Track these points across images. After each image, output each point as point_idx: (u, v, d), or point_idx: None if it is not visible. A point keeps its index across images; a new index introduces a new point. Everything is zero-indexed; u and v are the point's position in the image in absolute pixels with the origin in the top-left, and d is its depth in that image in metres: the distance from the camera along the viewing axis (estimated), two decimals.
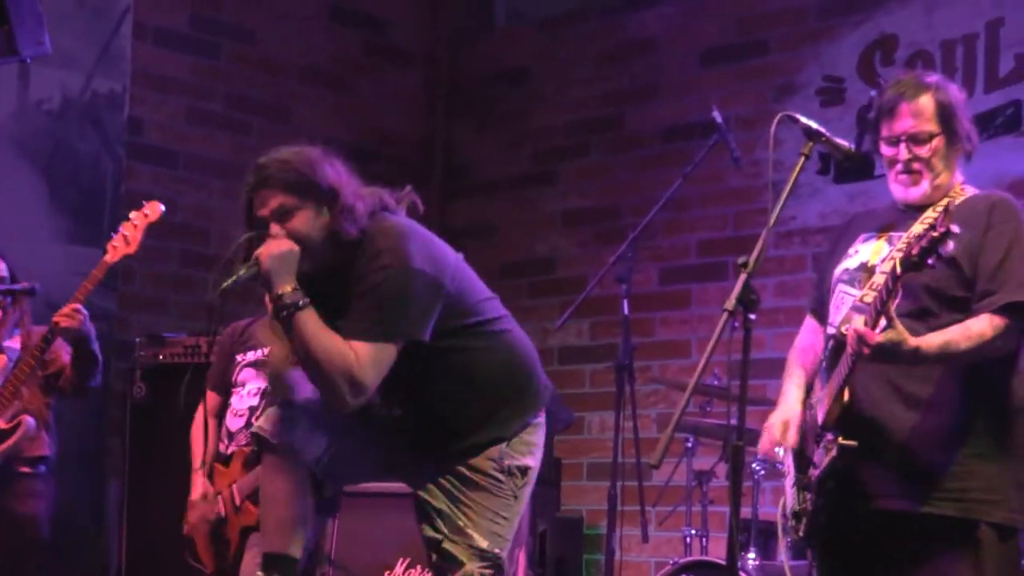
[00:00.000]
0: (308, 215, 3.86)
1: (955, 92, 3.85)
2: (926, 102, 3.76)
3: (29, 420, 5.43)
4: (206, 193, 7.61)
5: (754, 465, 5.62)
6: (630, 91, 7.91)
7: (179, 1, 7.61)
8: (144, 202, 5.43)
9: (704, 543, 6.07)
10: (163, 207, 5.37)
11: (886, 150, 3.82)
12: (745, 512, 5.95)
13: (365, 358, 3.74)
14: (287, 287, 3.77)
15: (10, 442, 5.40)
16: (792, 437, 3.79)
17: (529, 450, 4.04)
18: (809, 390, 3.88)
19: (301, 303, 3.76)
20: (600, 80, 8.05)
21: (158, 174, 7.43)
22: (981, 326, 3.55)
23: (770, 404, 4.01)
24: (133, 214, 5.40)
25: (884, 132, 3.81)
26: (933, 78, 3.87)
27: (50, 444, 5.56)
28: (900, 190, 3.82)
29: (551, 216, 7.98)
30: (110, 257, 5.39)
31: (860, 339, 3.46)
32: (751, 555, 5.60)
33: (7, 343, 5.51)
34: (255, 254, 3.82)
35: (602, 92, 8.03)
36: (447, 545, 3.96)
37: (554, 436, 6.50)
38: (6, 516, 5.46)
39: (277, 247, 3.80)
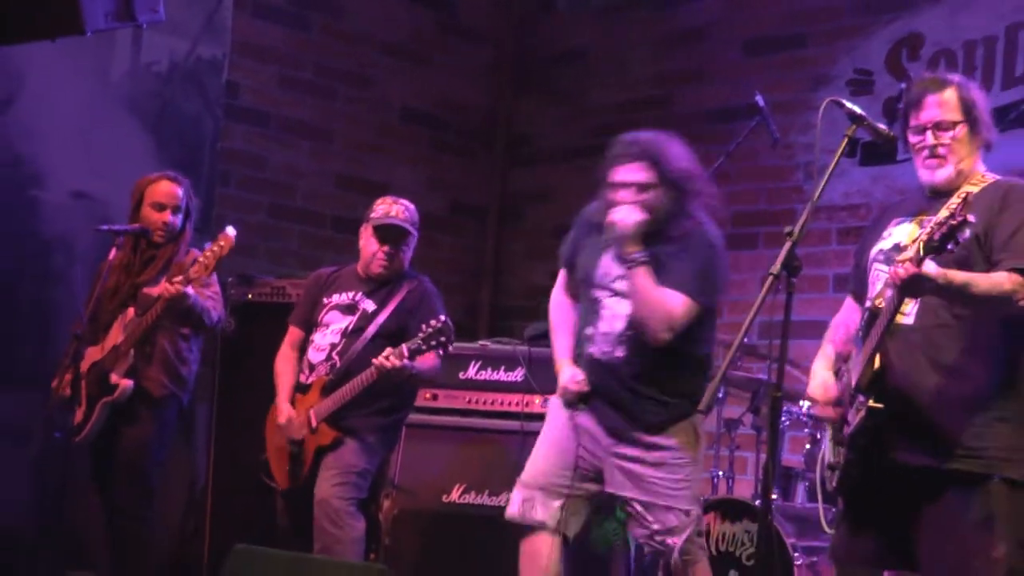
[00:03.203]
0: (662, 195, 4.31)
1: (976, 89, 3.85)
2: (950, 95, 3.76)
3: (127, 385, 5.35)
4: (294, 152, 7.57)
5: (784, 417, 5.59)
6: (679, 74, 7.83)
7: None
8: (218, 233, 5.31)
9: (730, 484, 6.05)
10: (233, 235, 5.28)
11: (914, 138, 3.81)
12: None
13: (680, 306, 4.30)
14: (635, 248, 4.26)
15: (108, 399, 5.35)
16: (833, 390, 3.81)
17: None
18: (843, 360, 3.83)
19: (641, 260, 4.25)
20: (652, 63, 7.97)
21: (251, 134, 7.40)
22: (999, 277, 3.55)
23: (790, 363, 3.99)
24: (208, 245, 5.28)
25: (912, 122, 3.81)
26: (956, 76, 3.88)
27: (168, 383, 5.46)
28: (927, 174, 3.79)
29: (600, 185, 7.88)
30: (192, 274, 5.26)
31: (912, 275, 3.41)
32: (773, 496, 5.56)
33: (148, 290, 5.41)
34: (609, 220, 4.30)
35: (654, 74, 7.95)
36: None
37: None
38: (120, 437, 5.43)
39: (632, 216, 4.27)
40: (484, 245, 8.45)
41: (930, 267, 3.40)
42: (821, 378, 3.88)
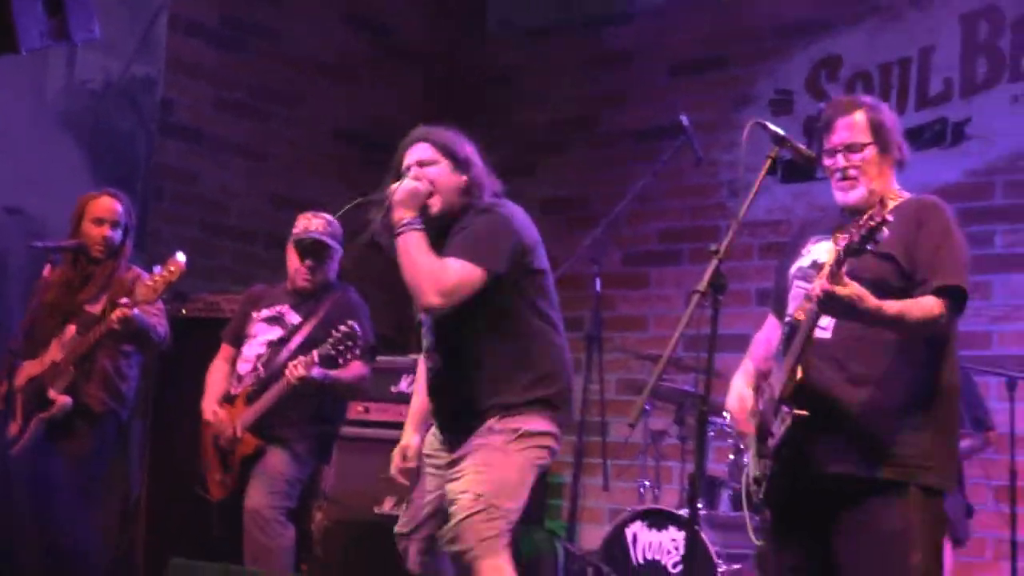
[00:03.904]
0: (445, 169, 4.05)
1: (886, 110, 3.86)
2: (859, 117, 3.77)
3: (65, 401, 5.25)
4: (227, 170, 7.51)
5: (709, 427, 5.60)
6: (605, 96, 7.87)
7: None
8: (171, 257, 5.16)
9: (656, 493, 6.06)
10: (184, 262, 5.12)
11: (827, 161, 3.82)
12: (692, 467, 5.95)
13: (453, 268, 3.86)
14: (408, 214, 3.93)
15: (44, 415, 5.25)
16: (750, 402, 3.80)
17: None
18: (763, 377, 3.84)
19: (414, 226, 3.92)
20: (579, 85, 8.00)
21: (185, 151, 7.33)
22: (930, 302, 3.55)
23: (716, 375, 3.97)
24: (158, 269, 5.13)
25: (825, 145, 3.82)
26: (867, 98, 3.90)
27: (108, 400, 5.38)
28: (840, 195, 3.81)
29: (529, 204, 7.87)
30: (140, 296, 5.13)
31: (827, 293, 3.42)
32: (698, 505, 5.58)
33: (89, 308, 5.33)
34: (388, 187, 4.01)
35: (580, 95, 7.98)
36: None
37: None
38: (59, 453, 5.32)
39: (409, 184, 3.99)
40: None
41: (854, 289, 3.41)
42: (738, 392, 3.88)
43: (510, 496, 3.90)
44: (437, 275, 3.86)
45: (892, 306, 3.50)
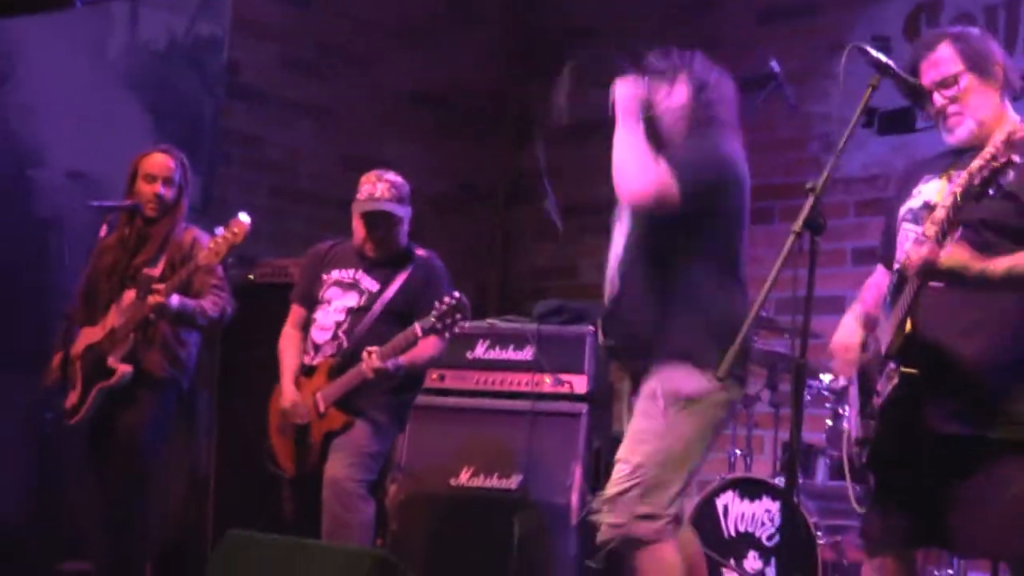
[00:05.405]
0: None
1: (976, 34, 3.51)
2: (944, 49, 3.45)
3: (126, 370, 5.06)
4: (294, 133, 7.30)
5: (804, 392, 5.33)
6: (692, 45, 7.55)
7: None
8: (234, 218, 4.99)
9: (748, 462, 5.78)
10: (248, 222, 4.94)
11: (929, 108, 3.51)
12: (786, 435, 5.67)
13: (664, 169, 3.69)
14: (633, 108, 3.81)
15: (104, 384, 5.07)
16: (855, 352, 3.51)
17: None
18: (873, 324, 3.53)
19: (638, 118, 3.78)
20: (663, 34, 7.67)
21: (252, 113, 7.12)
22: None
23: (812, 335, 3.66)
24: (220, 231, 4.96)
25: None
26: (953, 28, 3.59)
27: (168, 367, 5.19)
28: (948, 136, 3.49)
29: (608, 165, 7.64)
30: (202, 260, 4.99)
31: (926, 263, 3.12)
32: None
33: (148, 270, 5.14)
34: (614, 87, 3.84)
35: (666, 45, 7.67)
36: None
37: (610, 361, 6.26)
38: (117, 421, 5.14)
39: (633, 84, 3.85)
40: (493, 225, 8.19)
41: (956, 257, 3.13)
42: (847, 333, 3.60)
43: None
44: (647, 168, 3.73)
45: (1000, 264, 3.18)
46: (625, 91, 3.83)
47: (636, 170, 3.71)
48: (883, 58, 3.42)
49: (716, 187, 3.79)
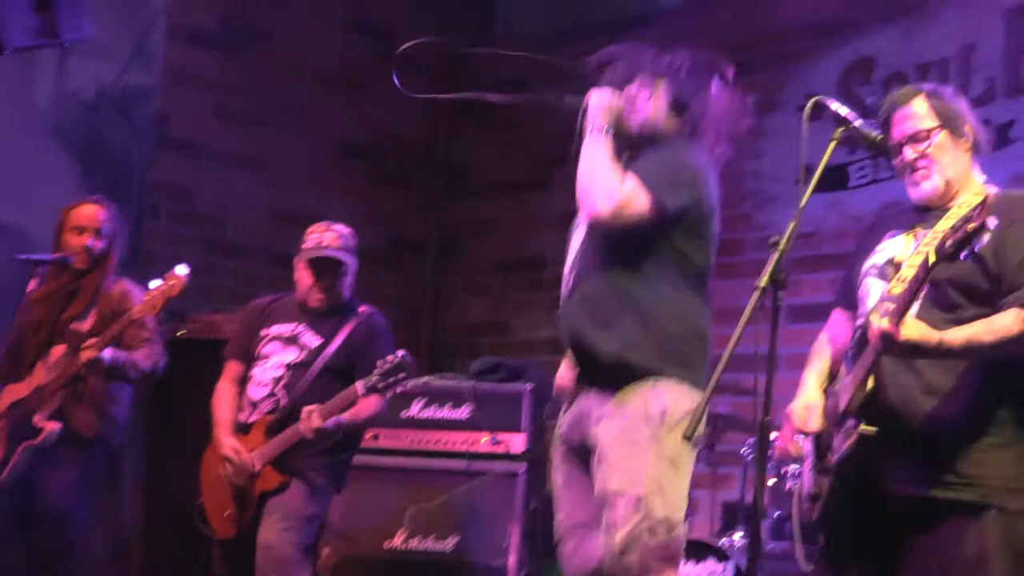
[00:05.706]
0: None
1: (949, 92, 3.54)
2: (918, 104, 3.45)
3: (54, 428, 4.93)
4: (224, 185, 7.19)
5: (743, 450, 5.29)
6: None
7: (210, 3, 7.21)
8: (170, 271, 4.94)
9: (687, 523, 5.71)
10: (185, 275, 4.89)
11: (896, 162, 3.50)
12: (733, 496, 5.63)
13: (629, 185, 3.52)
14: (602, 122, 3.68)
15: (31, 444, 4.93)
16: (816, 421, 3.43)
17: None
18: (832, 378, 3.51)
19: (606, 131, 3.65)
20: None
21: (182, 165, 7.01)
22: (1006, 321, 3.20)
23: (749, 393, 3.62)
24: (157, 283, 4.89)
25: (890, 144, 3.48)
26: (927, 85, 3.57)
27: (98, 424, 5.07)
28: (913, 191, 3.48)
29: (545, 218, 7.61)
30: (136, 312, 4.90)
31: (885, 337, 3.10)
32: (738, 535, 5.26)
33: (76, 325, 5.02)
34: (587, 96, 3.78)
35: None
36: None
37: (546, 419, 6.21)
38: (44, 482, 5.00)
39: (605, 95, 3.75)
40: (423, 279, 8.13)
41: (913, 331, 3.10)
42: (811, 393, 3.53)
43: None
44: (611, 186, 3.56)
45: (958, 336, 3.17)
46: (597, 102, 3.75)
47: (597, 187, 3.57)
48: (843, 111, 3.43)
49: (686, 201, 3.62)
